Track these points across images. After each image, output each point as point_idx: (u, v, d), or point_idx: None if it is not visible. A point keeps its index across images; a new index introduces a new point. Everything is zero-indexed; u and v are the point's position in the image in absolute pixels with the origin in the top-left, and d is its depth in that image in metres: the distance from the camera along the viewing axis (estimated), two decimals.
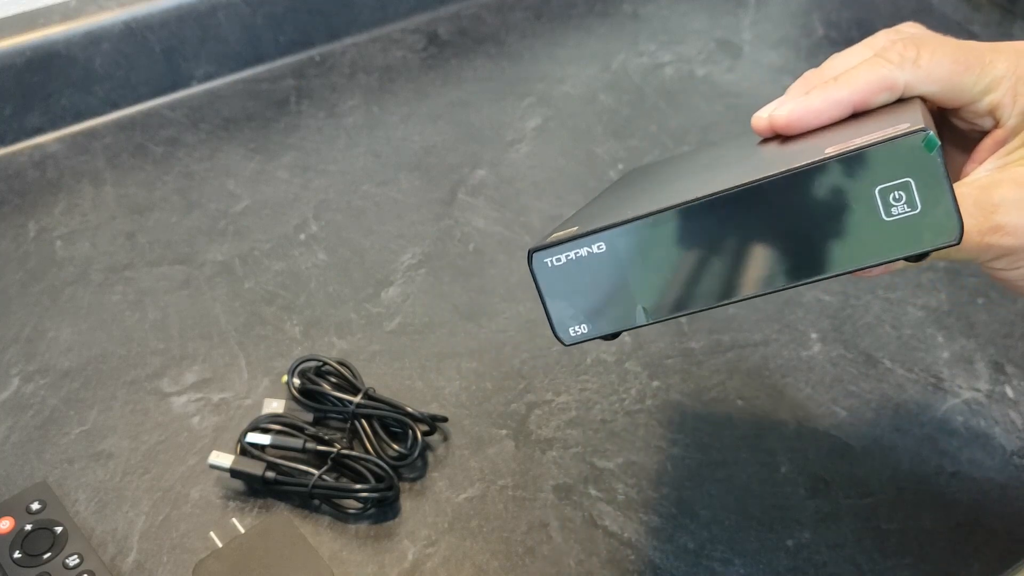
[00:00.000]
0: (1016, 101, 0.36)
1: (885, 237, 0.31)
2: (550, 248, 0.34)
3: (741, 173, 0.33)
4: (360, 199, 0.68)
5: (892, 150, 0.30)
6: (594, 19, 0.85)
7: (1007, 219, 0.34)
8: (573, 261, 0.34)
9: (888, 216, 0.31)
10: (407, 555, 0.47)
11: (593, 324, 0.35)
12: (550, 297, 0.35)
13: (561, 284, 0.35)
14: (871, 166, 0.30)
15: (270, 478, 0.48)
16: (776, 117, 0.37)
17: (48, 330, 0.59)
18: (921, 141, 0.30)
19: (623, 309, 0.34)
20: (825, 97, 0.36)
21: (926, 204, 0.30)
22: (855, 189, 0.31)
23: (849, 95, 0.36)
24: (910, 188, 0.30)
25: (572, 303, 0.35)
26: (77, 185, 0.69)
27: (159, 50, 0.75)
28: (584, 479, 0.50)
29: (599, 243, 0.34)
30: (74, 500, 0.49)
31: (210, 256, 0.63)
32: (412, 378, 0.55)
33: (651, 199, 0.36)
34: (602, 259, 0.34)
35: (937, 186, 0.30)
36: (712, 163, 0.40)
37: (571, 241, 0.34)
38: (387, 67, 0.80)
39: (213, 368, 0.56)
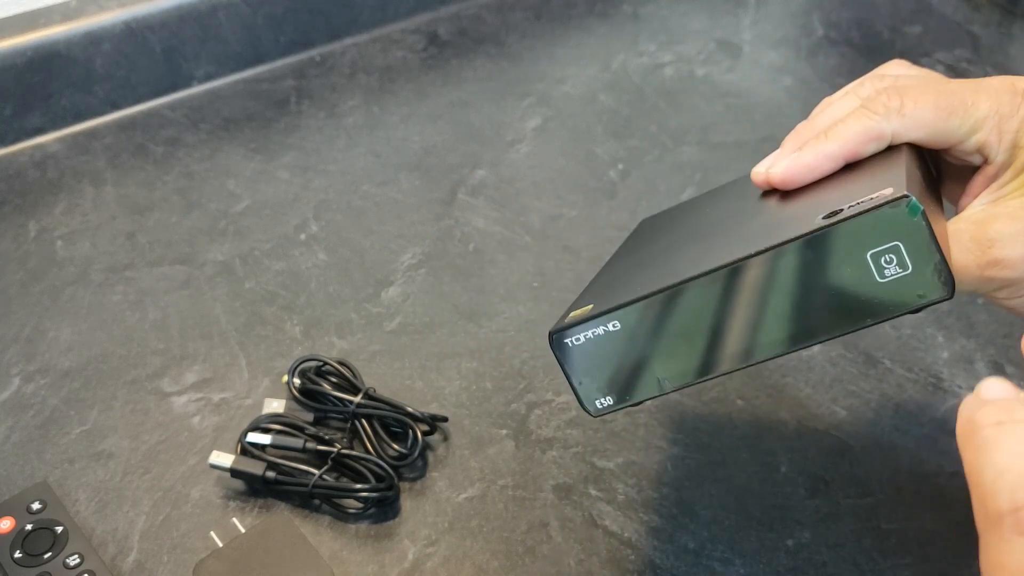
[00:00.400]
0: (1002, 138, 0.37)
1: (882, 297, 0.32)
2: (569, 329, 0.36)
3: (740, 240, 0.35)
4: (360, 199, 0.68)
5: (877, 217, 0.31)
6: (594, 19, 0.85)
7: (1004, 253, 0.36)
8: (591, 340, 0.36)
9: (882, 278, 0.32)
10: (407, 555, 0.47)
11: (617, 395, 0.37)
12: (574, 374, 0.37)
13: (583, 361, 0.37)
14: (860, 233, 0.32)
15: (270, 478, 0.48)
16: (772, 175, 0.39)
17: (48, 330, 0.59)
18: (905, 207, 0.31)
19: (643, 380, 0.36)
20: (816, 152, 0.38)
21: (916, 264, 0.32)
22: (848, 255, 0.32)
23: (839, 149, 0.38)
24: (900, 251, 0.32)
25: (595, 378, 0.37)
26: (78, 185, 0.69)
27: (159, 50, 0.75)
28: (584, 479, 0.50)
29: (613, 322, 0.36)
30: (75, 500, 0.49)
31: (210, 256, 0.63)
32: (412, 378, 0.55)
33: (658, 271, 0.37)
34: (618, 336, 0.36)
35: (924, 248, 0.31)
36: (716, 223, 0.42)
37: (587, 321, 0.36)
38: (387, 67, 0.80)
39: (213, 368, 0.56)
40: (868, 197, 0.32)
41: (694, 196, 0.50)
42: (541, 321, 0.58)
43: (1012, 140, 0.37)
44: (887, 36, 0.82)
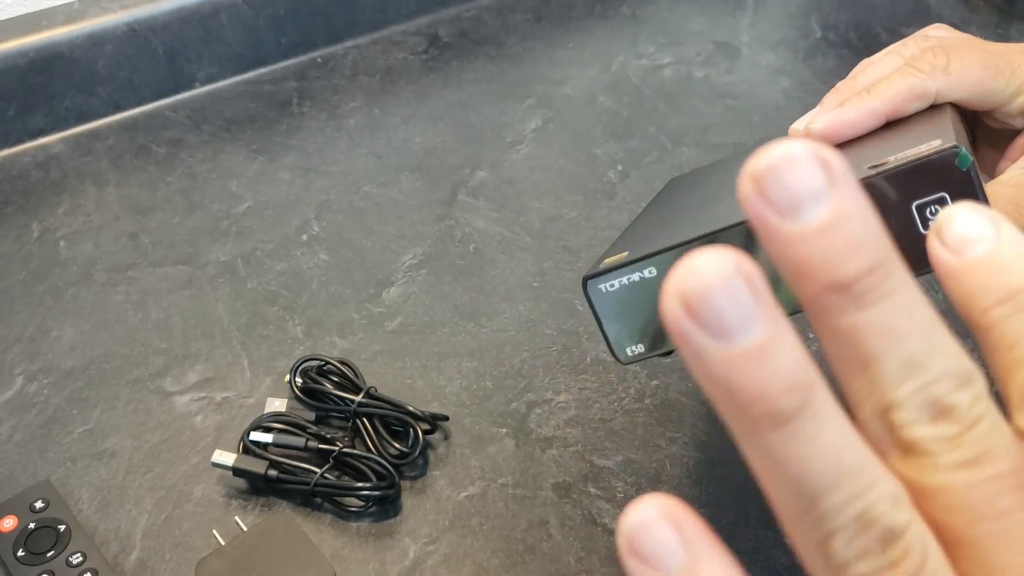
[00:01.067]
0: None
1: (925, 250, 0.32)
2: (603, 275, 0.36)
3: None
4: (361, 200, 0.68)
5: (927, 168, 0.31)
6: (594, 21, 0.86)
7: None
8: (626, 286, 0.36)
9: (926, 229, 0.32)
10: (408, 553, 0.47)
11: (649, 343, 0.37)
12: (606, 320, 0.37)
13: (616, 307, 0.36)
14: (907, 184, 0.31)
15: (272, 476, 0.48)
16: (813, 130, 0.38)
17: (51, 330, 0.59)
18: (955, 159, 0.31)
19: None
20: (859, 108, 0.37)
21: None
22: (893, 205, 0.32)
23: (882, 105, 0.37)
24: (946, 203, 0.31)
25: (628, 325, 0.37)
26: (80, 186, 0.69)
27: (162, 52, 0.75)
28: (584, 477, 0.50)
29: (650, 268, 0.35)
30: (77, 499, 0.50)
31: (213, 256, 0.64)
32: (413, 377, 0.55)
33: (697, 219, 0.37)
34: (653, 283, 0.35)
35: (971, 199, 0.31)
36: None
37: (623, 267, 0.36)
38: (388, 69, 0.80)
39: (216, 367, 0.56)
40: (915, 149, 0.32)
41: (724, 157, 0.49)
42: (541, 321, 0.59)
43: None
44: (885, 38, 0.82)
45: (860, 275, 0.17)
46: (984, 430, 0.18)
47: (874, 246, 0.17)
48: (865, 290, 0.17)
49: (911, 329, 0.18)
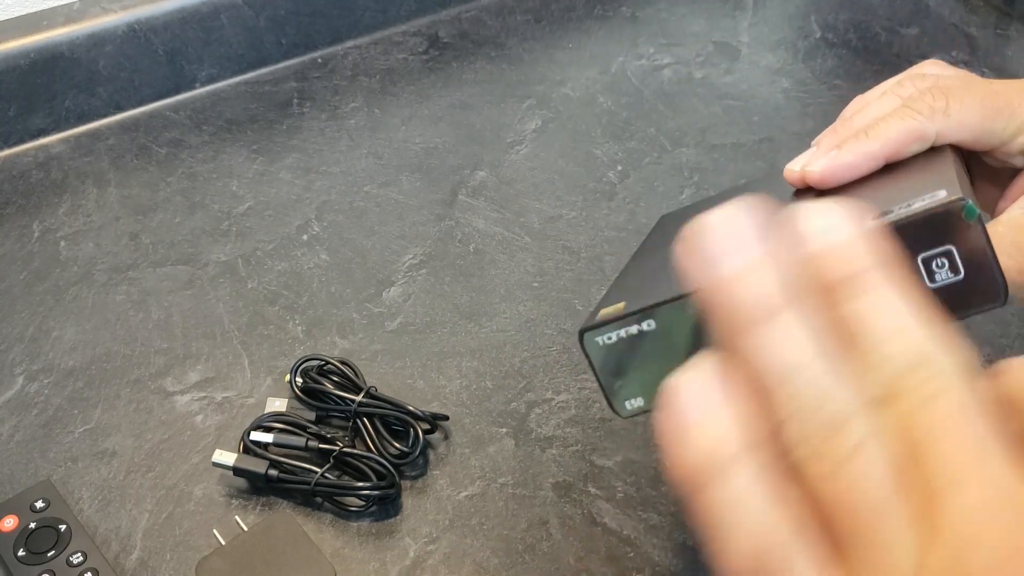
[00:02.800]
0: None
1: (931, 303, 0.32)
2: (601, 327, 0.34)
3: None
4: (362, 200, 0.68)
5: (933, 220, 0.30)
6: (593, 22, 0.86)
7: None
8: (624, 339, 0.34)
9: (932, 283, 0.31)
10: (408, 552, 0.47)
11: (648, 396, 0.35)
12: (604, 374, 0.35)
13: (614, 361, 0.35)
14: (913, 236, 0.30)
15: (273, 476, 0.49)
16: (810, 173, 0.37)
17: (52, 329, 0.59)
18: (961, 212, 0.30)
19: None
20: (857, 152, 0.37)
21: (969, 270, 0.30)
22: (898, 258, 0.31)
23: (881, 149, 0.36)
24: (952, 255, 0.30)
25: (626, 379, 0.35)
26: (81, 186, 0.69)
27: (162, 52, 0.75)
28: (583, 477, 0.50)
29: (648, 321, 0.34)
30: (78, 498, 0.50)
31: (213, 256, 0.64)
32: (413, 377, 0.56)
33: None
34: (653, 335, 0.34)
35: (979, 253, 0.30)
36: None
37: (621, 319, 0.34)
38: (388, 69, 0.80)
39: (216, 367, 0.56)
40: (919, 198, 0.31)
41: (713, 194, 0.48)
42: (541, 321, 0.59)
43: None
44: (884, 38, 0.82)
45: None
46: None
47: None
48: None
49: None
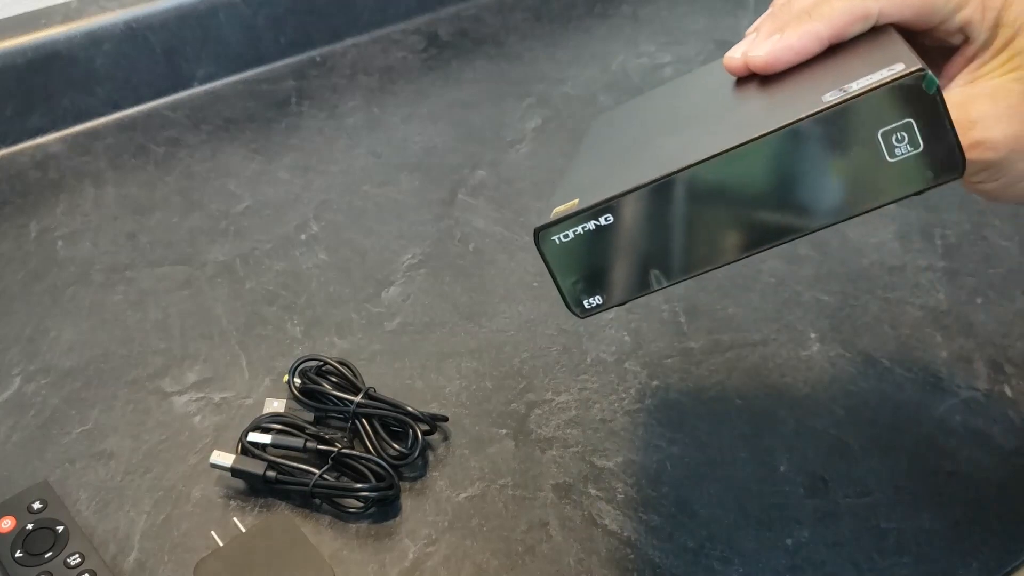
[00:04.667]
0: (985, 16, 0.37)
1: (891, 177, 0.31)
2: (556, 225, 0.34)
3: (739, 125, 0.33)
4: (361, 199, 0.68)
5: (892, 93, 0.30)
6: (594, 20, 0.85)
7: (987, 134, 0.35)
8: (581, 235, 0.34)
9: (892, 157, 0.31)
10: (407, 554, 0.47)
11: (607, 294, 0.35)
12: (561, 273, 0.35)
13: (571, 259, 0.34)
14: (872, 111, 0.30)
15: (271, 477, 0.48)
16: (754, 59, 0.37)
17: (50, 330, 0.59)
18: (921, 82, 0.30)
19: (637, 276, 0.34)
20: (802, 33, 0.36)
21: (928, 142, 0.30)
22: (858, 134, 0.31)
23: (825, 29, 0.36)
24: (912, 128, 0.31)
25: (584, 276, 0.35)
26: (79, 185, 0.69)
27: (160, 51, 0.75)
28: (584, 478, 0.50)
29: (606, 215, 0.33)
30: (75, 499, 0.50)
31: (211, 256, 0.64)
32: (412, 378, 0.55)
33: (648, 159, 0.35)
34: (611, 229, 0.34)
35: (939, 124, 0.30)
36: (696, 111, 0.39)
37: (577, 215, 0.34)
38: (387, 68, 0.80)
39: (214, 368, 0.56)
40: (877, 72, 0.31)
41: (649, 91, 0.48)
42: (541, 321, 0.58)
43: (995, 18, 0.37)
44: None
45: None
46: None
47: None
48: None
49: None
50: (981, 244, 0.62)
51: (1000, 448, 0.51)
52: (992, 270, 0.61)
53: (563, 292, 0.35)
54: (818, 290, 0.60)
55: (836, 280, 0.60)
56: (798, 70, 0.36)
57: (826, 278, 0.60)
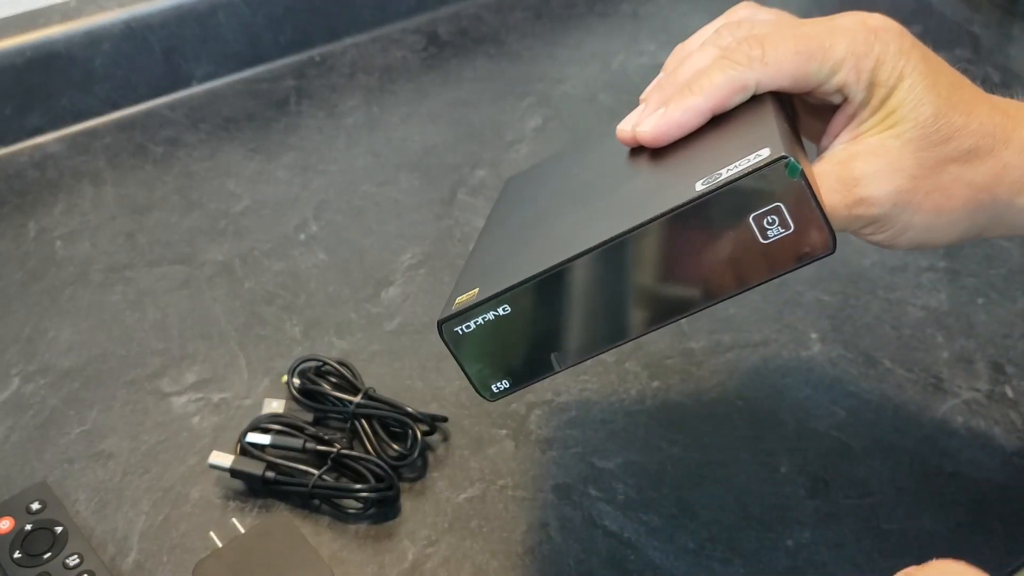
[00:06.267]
0: (860, 77, 0.38)
1: (767, 257, 0.33)
2: (457, 317, 0.36)
3: (619, 210, 0.35)
4: (360, 199, 0.68)
5: (757, 180, 0.32)
6: (594, 19, 0.85)
7: (869, 191, 0.37)
8: (482, 325, 0.36)
9: (765, 239, 0.33)
10: (407, 555, 0.47)
11: (513, 378, 0.37)
12: (467, 362, 0.37)
13: (475, 347, 0.36)
14: (740, 197, 0.32)
15: (270, 478, 0.48)
16: (641, 134, 0.39)
17: (48, 330, 0.59)
18: (785, 169, 0.31)
19: (538, 360, 0.36)
20: (685, 108, 0.38)
21: (798, 223, 0.32)
22: (730, 220, 0.33)
23: (705, 102, 0.38)
24: (781, 211, 0.32)
25: (489, 363, 0.37)
26: (77, 185, 0.69)
27: (159, 50, 0.75)
28: (584, 479, 0.50)
29: (503, 306, 0.35)
30: (74, 500, 0.49)
31: (210, 256, 0.63)
32: (412, 378, 0.55)
33: (541, 244, 0.37)
34: (508, 319, 0.35)
35: (805, 206, 0.32)
36: (589, 186, 0.41)
37: (476, 307, 0.35)
38: (387, 67, 0.80)
39: (213, 368, 0.56)
40: (745, 158, 0.33)
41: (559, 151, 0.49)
42: None
43: (869, 78, 0.38)
44: None
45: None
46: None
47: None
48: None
49: None
50: (982, 245, 0.62)
51: (1001, 449, 0.50)
52: (993, 271, 0.61)
53: (471, 379, 0.37)
54: (819, 290, 0.59)
55: (837, 280, 0.60)
56: (685, 141, 0.38)
57: (827, 278, 0.60)
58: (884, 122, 0.38)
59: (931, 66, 0.38)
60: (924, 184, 0.37)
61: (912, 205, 0.37)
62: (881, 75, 0.38)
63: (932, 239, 0.39)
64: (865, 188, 0.37)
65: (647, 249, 0.33)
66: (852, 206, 0.37)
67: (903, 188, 0.37)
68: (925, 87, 0.37)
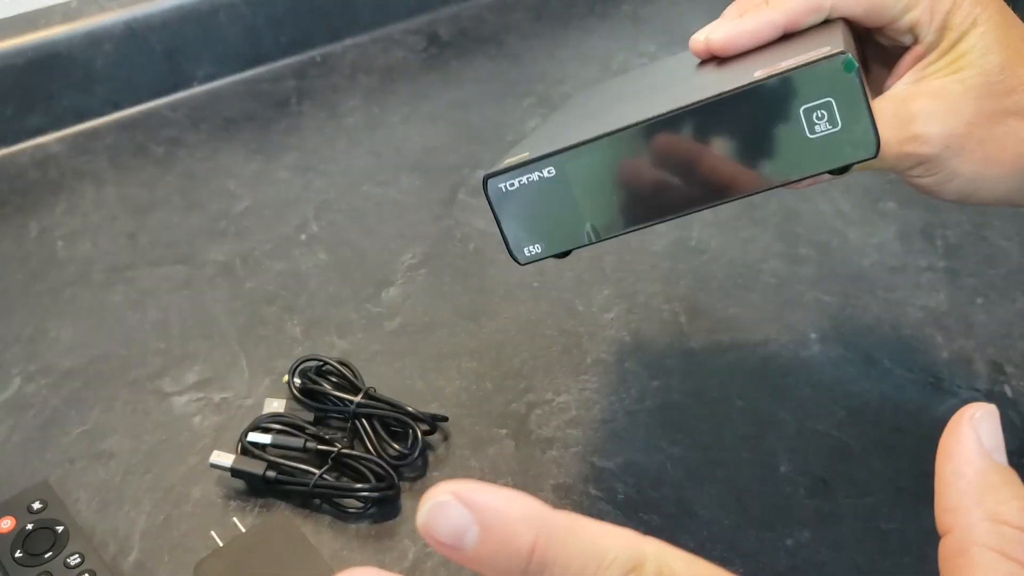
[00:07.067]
0: (933, 18, 0.38)
1: (810, 153, 0.34)
2: (503, 174, 0.36)
3: (678, 96, 0.35)
4: (361, 199, 0.68)
5: (814, 72, 0.32)
6: (594, 20, 0.85)
7: (924, 129, 0.37)
8: (525, 185, 0.36)
9: (812, 134, 0.33)
10: (408, 554, 0.47)
11: (546, 243, 0.37)
12: (505, 220, 0.37)
13: (515, 207, 0.37)
14: (795, 88, 0.33)
15: (271, 477, 0.48)
16: (712, 40, 0.39)
17: (49, 330, 0.59)
18: (840, 63, 0.32)
19: (573, 228, 0.37)
20: (758, 20, 0.39)
21: (846, 122, 0.33)
22: (781, 109, 0.33)
23: (780, 17, 0.38)
24: (831, 107, 0.33)
25: (526, 225, 0.37)
26: (78, 185, 0.69)
27: (160, 51, 0.75)
28: (584, 479, 0.50)
29: (548, 168, 0.36)
30: (75, 499, 0.49)
31: (211, 256, 0.64)
32: (412, 378, 0.55)
33: (595, 122, 0.38)
34: (552, 182, 0.36)
35: (856, 105, 0.32)
36: (655, 85, 0.42)
37: (522, 167, 0.36)
38: (388, 67, 0.80)
39: (214, 368, 0.56)
40: (806, 54, 0.33)
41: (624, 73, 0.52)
42: (541, 321, 0.58)
43: (942, 20, 0.38)
44: None
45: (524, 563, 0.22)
46: None
47: (522, 533, 0.22)
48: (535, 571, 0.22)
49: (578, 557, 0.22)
50: (982, 244, 0.62)
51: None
52: (993, 271, 0.61)
53: (506, 238, 0.38)
54: (819, 290, 0.60)
55: (837, 280, 0.60)
56: (753, 53, 0.39)
57: (827, 278, 0.60)
58: (950, 66, 0.38)
59: (1005, 18, 0.38)
60: (978, 132, 0.38)
61: (964, 151, 0.38)
62: (955, 19, 0.38)
63: (977, 192, 0.39)
64: (920, 126, 0.37)
65: (695, 128, 0.34)
66: (904, 142, 0.37)
67: (957, 132, 0.37)
68: (996, 37, 0.38)
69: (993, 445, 0.27)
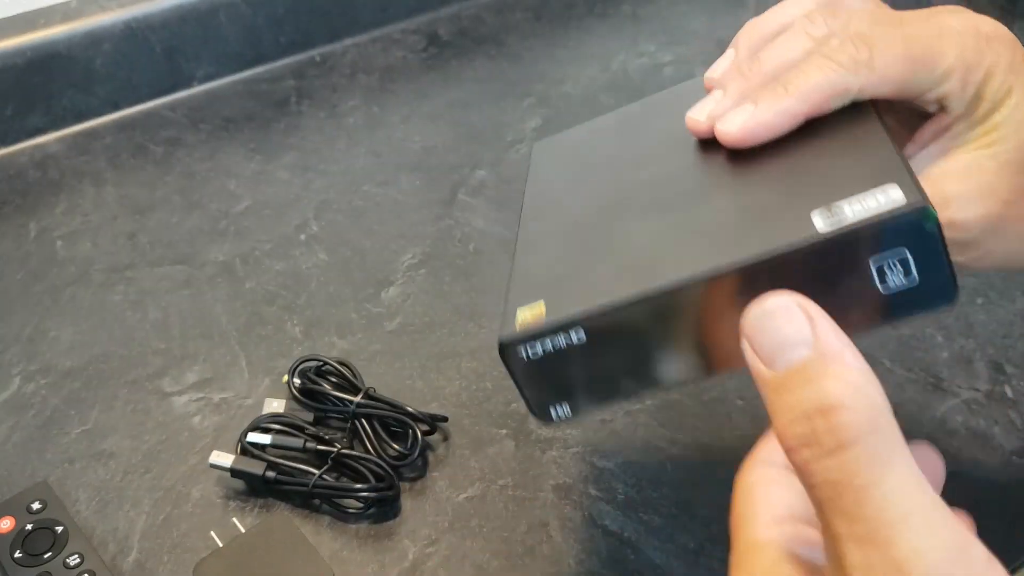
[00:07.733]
0: (965, 89, 0.35)
1: (881, 306, 0.30)
2: (524, 342, 0.32)
3: (713, 231, 0.32)
4: (361, 199, 0.68)
5: (890, 225, 0.28)
6: (594, 20, 0.85)
7: (961, 215, 0.34)
8: (551, 353, 0.32)
9: (885, 288, 0.29)
10: (407, 554, 0.47)
11: (575, 405, 0.33)
12: (528, 387, 0.33)
13: (539, 373, 0.32)
14: (867, 241, 0.29)
15: (271, 478, 0.48)
16: (726, 133, 0.35)
17: (49, 330, 0.59)
18: (922, 219, 0.28)
19: (606, 388, 0.33)
20: (776, 110, 0.34)
21: (924, 274, 0.29)
22: (849, 260, 0.29)
23: (802, 106, 0.34)
24: (907, 260, 0.29)
25: (552, 389, 0.33)
26: (78, 185, 0.69)
27: (160, 50, 0.75)
28: (584, 478, 0.50)
29: (579, 332, 0.31)
30: (75, 500, 0.49)
31: (211, 256, 0.64)
32: (412, 378, 0.55)
33: (615, 255, 0.34)
34: (583, 346, 0.32)
35: (936, 258, 0.29)
36: (658, 181, 0.37)
37: (546, 332, 0.32)
38: (387, 67, 0.80)
39: (214, 368, 0.56)
40: (870, 193, 0.29)
41: (594, 120, 0.45)
42: None
43: (975, 92, 0.35)
44: None
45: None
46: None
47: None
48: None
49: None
50: None
51: (1001, 449, 0.50)
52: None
53: (529, 403, 0.33)
54: None
55: None
56: (770, 146, 0.34)
57: None
58: (982, 139, 0.35)
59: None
60: (1015, 210, 0.35)
61: (1000, 231, 0.35)
62: (988, 89, 0.35)
63: (1010, 265, 0.37)
64: (956, 211, 0.34)
65: (753, 284, 0.29)
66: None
67: (994, 213, 0.35)
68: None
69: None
